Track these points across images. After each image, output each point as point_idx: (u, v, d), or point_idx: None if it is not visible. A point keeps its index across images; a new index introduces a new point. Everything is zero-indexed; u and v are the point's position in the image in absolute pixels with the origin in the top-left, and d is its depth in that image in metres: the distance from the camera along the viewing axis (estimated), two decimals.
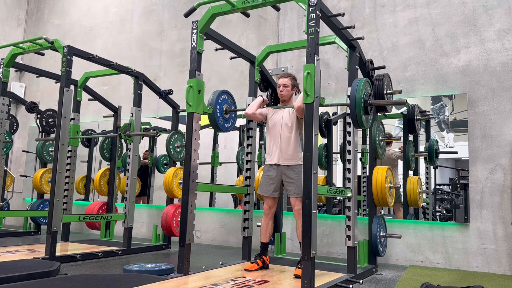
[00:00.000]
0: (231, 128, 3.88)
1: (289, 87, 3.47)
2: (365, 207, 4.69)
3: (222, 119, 3.73)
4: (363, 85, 3.06)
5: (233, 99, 3.88)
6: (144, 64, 6.37)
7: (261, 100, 3.59)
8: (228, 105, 3.78)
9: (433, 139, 4.56)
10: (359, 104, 3.00)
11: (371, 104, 3.14)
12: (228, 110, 3.77)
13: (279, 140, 3.39)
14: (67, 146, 3.92)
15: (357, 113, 3.02)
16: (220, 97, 3.70)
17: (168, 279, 2.88)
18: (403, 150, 4.58)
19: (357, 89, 3.02)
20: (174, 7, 6.39)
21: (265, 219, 3.46)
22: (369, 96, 3.13)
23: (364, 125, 3.12)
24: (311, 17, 2.78)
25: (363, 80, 3.09)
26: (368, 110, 3.11)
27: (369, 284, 3.21)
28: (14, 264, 3.22)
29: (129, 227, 4.48)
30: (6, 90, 4.63)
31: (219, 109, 3.68)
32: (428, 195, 4.58)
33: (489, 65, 4.13)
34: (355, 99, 3.01)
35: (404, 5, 4.62)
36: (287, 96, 3.48)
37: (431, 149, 4.55)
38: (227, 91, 3.82)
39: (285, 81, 3.46)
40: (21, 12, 8.14)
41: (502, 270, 3.83)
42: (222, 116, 3.72)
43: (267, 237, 3.45)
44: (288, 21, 5.35)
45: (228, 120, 3.82)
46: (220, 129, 3.73)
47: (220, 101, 3.69)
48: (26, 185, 7.24)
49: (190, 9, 3.27)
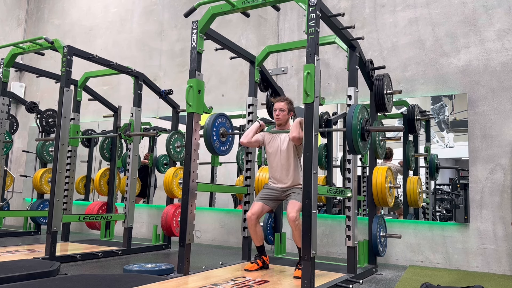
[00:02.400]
0: (229, 151, 3.85)
1: (286, 111, 3.40)
2: (365, 207, 4.69)
3: (219, 142, 3.70)
4: (359, 111, 2.97)
5: (230, 122, 3.85)
6: (144, 64, 6.37)
7: (257, 126, 3.52)
8: (225, 128, 3.75)
9: (434, 155, 4.54)
10: (355, 131, 2.92)
11: (368, 130, 3.05)
12: (225, 133, 3.74)
13: (280, 168, 3.35)
14: (67, 146, 3.92)
15: (354, 140, 2.93)
16: (217, 120, 3.67)
17: (168, 279, 2.88)
18: (403, 150, 4.58)
19: (353, 116, 2.93)
20: (174, 7, 6.39)
21: (251, 227, 3.32)
22: (366, 122, 3.05)
23: (361, 152, 3.03)
24: (311, 17, 2.78)
25: (359, 106, 3.01)
26: (365, 136, 3.03)
27: (369, 284, 3.21)
28: (14, 264, 3.22)
29: (129, 227, 4.48)
30: (6, 90, 4.63)
31: (215, 132, 3.64)
32: (428, 195, 4.58)
33: (489, 65, 4.13)
34: (351, 125, 2.91)
35: (404, 5, 4.62)
36: (284, 120, 3.42)
37: (432, 165, 4.54)
38: (224, 114, 3.80)
39: (281, 105, 3.40)
40: (21, 12, 8.14)
41: (502, 270, 3.83)
42: (219, 139, 3.69)
43: (259, 241, 3.41)
44: (288, 21, 5.35)
45: (225, 143, 3.79)
46: (216, 152, 3.70)
47: (216, 124, 3.67)
48: (26, 185, 7.24)
49: (190, 9, 3.27)
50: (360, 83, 3.53)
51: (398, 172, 4.66)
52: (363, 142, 3.05)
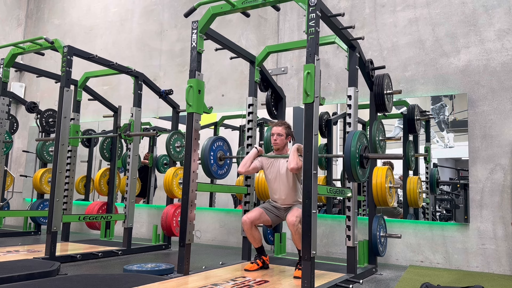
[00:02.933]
0: (226, 175, 3.83)
1: (283, 136, 3.40)
2: (365, 207, 4.69)
3: (216, 166, 3.68)
4: (358, 139, 2.94)
5: (228, 145, 3.83)
6: (144, 64, 6.37)
7: (255, 153, 3.49)
8: (223, 152, 3.74)
9: (434, 169, 4.54)
10: (354, 158, 2.88)
11: (367, 157, 3.01)
12: (222, 157, 3.72)
13: (279, 191, 3.37)
14: (67, 146, 3.92)
15: (352, 168, 2.88)
16: (215, 144, 3.66)
17: (168, 279, 2.88)
18: (403, 150, 4.58)
19: (351, 143, 2.89)
20: (174, 7, 6.39)
21: (247, 231, 3.32)
22: (365, 149, 3.01)
23: (360, 179, 3.00)
24: (311, 17, 2.78)
25: (358, 133, 2.97)
26: (364, 164, 2.98)
27: (369, 284, 3.21)
28: (14, 264, 3.22)
29: (129, 227, 4.48)
30: (6, 90, 4.63)
31: (213, 156, 3.63)
32: (428, 195, 4.58)
33: (489, 65, 4.13)
34: (349, 153, 2.88)
35: (404, 5, 4.62)
36: (281, 145, 3.42)
37: (433, 180, 4.52)
38: (222, 138, 3.79)
39: (279, 130, 3.39)
40: (21, 12, 8.14)
41: (502, 270, 3.83)
42: (216, 163, 3.68)
43: (258, 243, 3.40)
44: (288, 21, 5.35)
45: (223, 167, 3.76)
46: (214, 176, 3.68)
47: (214, 148, 3.65)
48: (26, 185, 7.24)
49: (190, 9, 3.27)
50: (360, 83, 3.53)
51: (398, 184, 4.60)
52: (362, 169, 3.00)
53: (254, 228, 3.34)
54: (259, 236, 3.40)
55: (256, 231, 3.37)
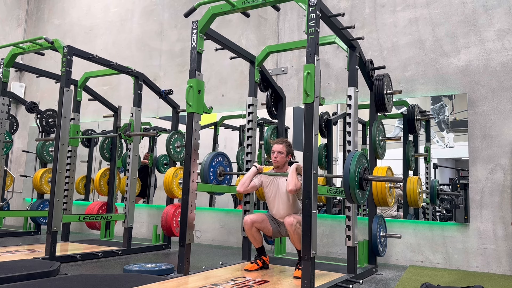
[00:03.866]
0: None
1: (284, 154, 3.39)
2: (365, 207, 4.69)
3: (216, 182, 3.71)
4: (357, 160, 2.84)
5: (229, 160, 3.85)
6: (144, 64, 6.37)
7: (255, 172, 3.47)
8: (223, 167, 3.74)
9: (435, 180, 4.53)
10: (353, 180, 2.79)
11: (366, 179, 2.94)
12: (222, 173, 3.73)
13: (279, 209, 3.36)
14: (67, 146, 3.92)
15: (351, 190, 2.79)
16: (215, 160, 3.66)
17: (168, 279, 2.88)
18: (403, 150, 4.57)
19: (350, 164, 2.80)
20: (174, 7, 6.39)
21: (247, 231, 3.34)
22: (364, 171, 2.93)
23: (359, 201, 2.90)
24: (311, 17, 2.78)
25: (357, 154, 2.87)
26: (363, 186, 2.92)
27: (369, 284, 3.21)
28: (14, 264, 3.22)
29: (129, 227, 4.48)
30: (6, 90, 4.63)
31: (212, 172, 3.63)
32: (428, 195, 4.58)
33: (489, 65, 4.13)
34: (348, 175, 2.79)
35: (404, 5, 4.62)
36: (281, 163, 3.40)
37: (433, 191, 4.51)
38: (222, 153, 3.80)
39: (279, 148, 3.39)
40: (21, 12, 8.14)
41: (502, 270, 3.83)
42: (216, 178, 3.70)
43: (258, 243, 3.41)
44: (288, 21, 5.35)
45: (222, 182, 3.79)
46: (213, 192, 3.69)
47: (214, 164, 3.65)
48: (26, 185, 7.24)
49: (190, 9, 3.27)
50: (360, 83, 3.53)
51: (399, 196, 4.57)
52: (361, 191, 2.92)
53: (254, 228, 3.34)
54: (259, 236, 3.40)
55: (256, 231, 3.37)
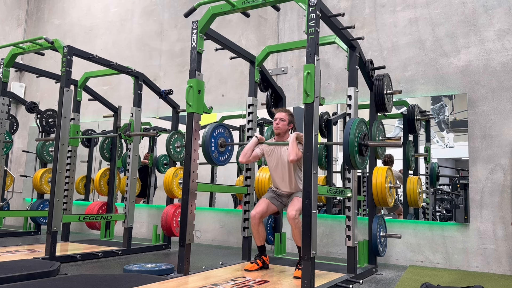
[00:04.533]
0: (227, 162, 3.82)
1: (286, 121, 3.41)
2: (365, 207, 4.69)
3: (217, 153, 3.67)
4: (357, 126, 2.90)
5: (230, 132, 3.82)
6: (144, 64, 6.37)
7: (256, 141, 3.47)
8: (224, 139, 3.73)
9: (435, 163, 4.55)
10: (352, 146, 2.85)
11: (366, 145, 2.98)
12: (223, 144, 3.71)
13: (281, 179, 3.38)
14: (67, 146, 3.92)
15: (351, 156, 2.86)
16: (216, 131, 3.64)
17: (168, 279, 2.88)
18: (403, 150, 4.58)
19: (350, 130, 2.86)
20: (174, 7, 6.39)
21: (254, 226, 3.35)
22: (364, 137, 2.98)
23: (359, 167, 2.97)
24: (311, 17, 2.78)
25: (357, 121, 2.94)
26: (363, 151, 2.96)
27: (369, 284, 3.21)
28: (14, 264, 3.22)
29: (129, 227, 4.48)
30: (6, 90, 4.64)
31: (213, 143, 3.62)
32: (428, 195, 4.58)
33: (489, 65, 4.13)
34: (348, 140, 2.85)
35: (404, 5, 4.62)
36: (283, 131, 3.41)
37: (433, 173, 4.53)
38: (223, 124, 3.78)
39: (282, 115, 3.41)
40: (21, 12, 8.14)
41: (502, 270, 3.83)
42: (217, 149, 3.67)
43: (261, 241, 3.42)
44: (288, 21, 5.35)
45: (224, 153, 3.76)
46: (215, 163, 3.67)
47: (215, 135, 3.64)
48: (26, 185, 7.24)
49: (190, 9, 3.27)
50: (360, 83, 3.53)
51: (398, 178, 4.61)
52: (361, 157, 2.98)
53: (261, 224, 3.38)
54: (264, 234, 3.43)
55: (263, 227, 3.40)
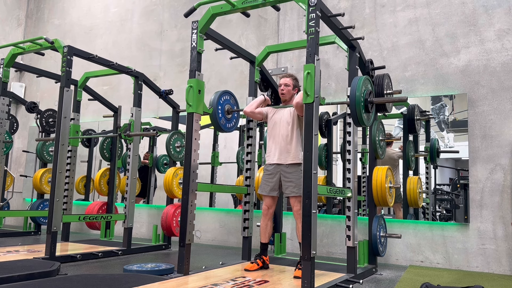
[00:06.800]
0: (234, 128, 3.85)
1: (290, 86, 3.45)
2: (365, 207, 4.69)
3: (224, 120, 3.71)
4: (363, 83, 3.04)
5: (235, 99, 3.85)
6: (144, 64, 6.37)
7: (262, 99, 3.58)
8: (230, 105, 3.76)
9: (434, 139, 4.56)
10: (359, 102, 2.98)
11: (371, 101, 3.13)
12: (230, 110, 3.74)
13: (279, 139, 3.37)
14: (67, 146, 3.92)
15: (357, 111, 3.00)
16: (222, 97, 3.68)
17: (168, 279, 2.88)
18: (403, 150, 4.58)
19: (356, 87, 3.00)
20: (174, 7, 6.39)
21: (264, 219, 3.45)
22: (370, 94, 3.12)
23: (365, 123, 3.11)
24: (311, 17, 2.78)
25: (363, 78, 3.07)
26: (368, 108, 3.10)
27: (369, 284, 3.21)
28: (14, 264, 3.22)
29: (129, 227, 4.48)
30: (6, 90, 4.63)
31: (220, 110, 3.65)
32: (428, 195, 4.58)
33: (489, 65, 4.13)
34: (355, 97, 2.99)
35: (404, 5, 4.62)
36: (288, 96, 3.46)
37: (433, 149, 4.55)
38: (229, 92, 3.80)
39: (286, 81, 3.46)
40: (21, 12, 8.14)
41: (502, 270, 3.83)
42: (224, 116, 3.70)
43: (266, 238, 3.45)
44: (288, 21, 5.35)
45: (230, 120, 3.80)
46: (222, 129, 3.70)
47: (221, 102, 3.67)
48: (26, 185, 7.24)
49: (190, 9, 3.27)
50: None
51: (399, 158, 4.66)
52: (367, 114, 3.10)
53: (271, 220, 3.47)
54: (271, 231, 3.51)
55: (271, 224, 3.49)
